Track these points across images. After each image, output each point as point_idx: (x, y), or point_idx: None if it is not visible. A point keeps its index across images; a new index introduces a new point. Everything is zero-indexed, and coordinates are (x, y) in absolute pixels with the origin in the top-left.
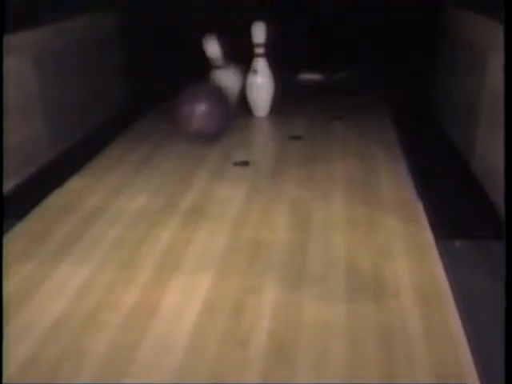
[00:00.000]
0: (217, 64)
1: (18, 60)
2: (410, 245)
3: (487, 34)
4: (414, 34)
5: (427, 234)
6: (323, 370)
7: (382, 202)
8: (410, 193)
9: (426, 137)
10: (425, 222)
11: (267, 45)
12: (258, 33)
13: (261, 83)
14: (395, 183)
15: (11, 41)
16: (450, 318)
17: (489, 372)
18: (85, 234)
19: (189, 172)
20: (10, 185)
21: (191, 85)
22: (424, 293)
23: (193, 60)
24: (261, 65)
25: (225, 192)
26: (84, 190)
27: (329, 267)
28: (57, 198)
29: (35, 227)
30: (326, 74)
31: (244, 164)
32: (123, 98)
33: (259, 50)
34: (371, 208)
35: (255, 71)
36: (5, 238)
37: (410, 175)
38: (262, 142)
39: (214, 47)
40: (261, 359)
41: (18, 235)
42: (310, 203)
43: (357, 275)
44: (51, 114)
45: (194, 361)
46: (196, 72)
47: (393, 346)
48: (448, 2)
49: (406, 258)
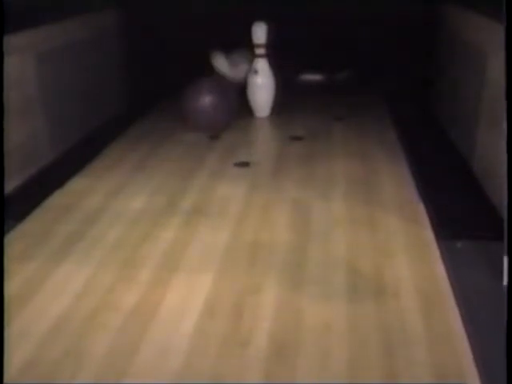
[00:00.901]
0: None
1: (19, 60)
2: (411, 245)
3: (487, 34)
4: (414, 34)
5: (428, 233)
6: (324, 370)
7: (383, 201)
8: (411, 193)
9: (426, 137)
10: (425, 221)
11: (268, 45)
12: (259, 33)
13: (261, 83)
14: (395, 183)
15: (11, 41)
16: (451, 317)
17: (489, 372)
18: (85, 235)
19: (189, 172)
20: (10, 185)
21: (197, 80)
22: (424, 293)
23: (192, 60)
24: (261, 65)
25: (225, 192)
26: (84, 190)
27: (329, 267)
28: (57, 198)
29: (36, 228)
30: (327, 75)
31: (244, 165)
32: (123, 98)
33: (260, 51)
34: (371, 208)
35: (256, 71)
36: (6, 239)
37: (410, 175)
38: (263, 142)
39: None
40: (261, 360)
41: (18, 236)
42: (311, 203)
43: (357, 275)
44: (51, 114)
45: (195, 361)
46: (196, 72)
47: (393, 345)
48: (448, 1)
49: (407, 257)
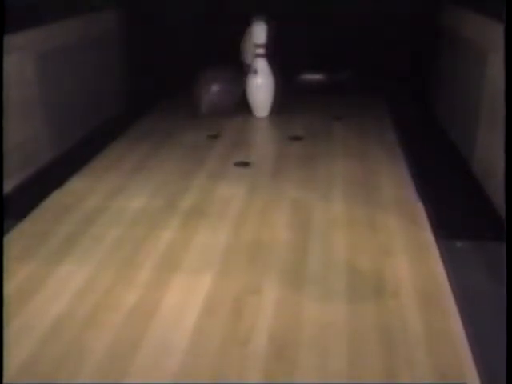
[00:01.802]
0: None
1: (18, 60)
2: (410, 245)
3: (487, 34)
4: (414, 34)
5: (427, 233)
6: (324, 370)
7: (382, 201)
8: (410, 193)
9: (426, 137)
10: (425, 221)
11: (267, 45)
12: (259, 33)
13: (261, 83)
14: (395, 183)
15: (11, 41)
16: (451, 317)
17: (489, 372)
18: (85, 234)
19: (189, 172)
20: (10, 185)
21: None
22: (424, 293)
23: (192, 60)
24: (261, 65)
25: (225, 192)
26: (84, 190)
27: (329, 267)
28: (57, 198)
29: (35, 227)
30: (327, 75)
31: (244, 165)
32: (123, 98)
33: (259, 51)
34: (371, 208)
35: (255, 71)
36: (5, 239)
37: (410, 175)
38: (263, 142)
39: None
40: (261, 359)
41: (18, 235)
42: (311, 203)
43: (357, 275)
44: (51, 114)
45: (195, 361)
46: (195, 72)
47: (393, 345)
48: (448, 1)
49: (407, 257)
